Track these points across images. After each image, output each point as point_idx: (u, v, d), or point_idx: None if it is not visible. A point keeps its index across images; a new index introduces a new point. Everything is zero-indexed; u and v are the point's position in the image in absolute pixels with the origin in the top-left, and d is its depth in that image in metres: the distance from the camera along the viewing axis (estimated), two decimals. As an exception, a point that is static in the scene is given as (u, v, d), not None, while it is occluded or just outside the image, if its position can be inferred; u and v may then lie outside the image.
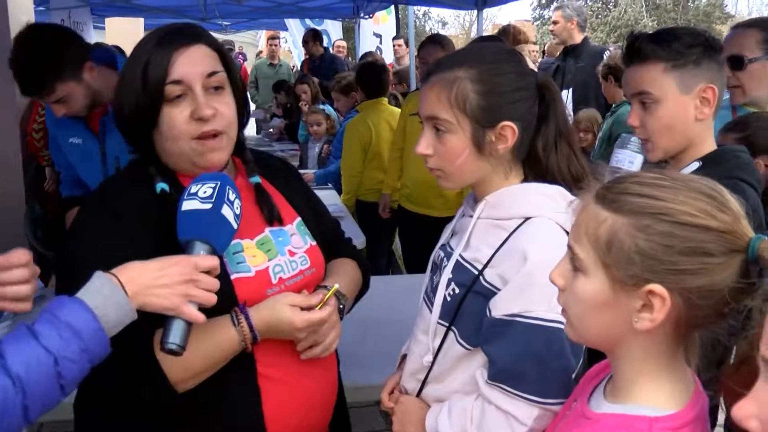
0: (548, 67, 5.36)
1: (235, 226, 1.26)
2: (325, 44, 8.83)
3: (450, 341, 1.36)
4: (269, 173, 1.55)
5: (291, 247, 1.47)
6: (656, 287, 0.89)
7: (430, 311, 1.40)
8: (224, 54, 1.38)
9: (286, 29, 12.21)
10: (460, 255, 1.36)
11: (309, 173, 5.14)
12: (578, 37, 4.96)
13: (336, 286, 1.40)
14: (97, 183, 1.57)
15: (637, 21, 29.31)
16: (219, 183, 1.25)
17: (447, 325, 1.36)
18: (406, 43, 8.63)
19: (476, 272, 1.31)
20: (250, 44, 17.86)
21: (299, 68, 9.68)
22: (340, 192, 4.72)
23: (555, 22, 5.01)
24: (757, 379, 0.70)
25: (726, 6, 32.16)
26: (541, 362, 1.21)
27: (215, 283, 1.17)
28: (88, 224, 1.35)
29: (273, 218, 1.45)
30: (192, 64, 1.31)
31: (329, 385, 1.52)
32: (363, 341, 2.28)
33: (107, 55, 2.65)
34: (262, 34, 16.88)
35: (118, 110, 1.36)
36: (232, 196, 1.26)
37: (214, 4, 7.74)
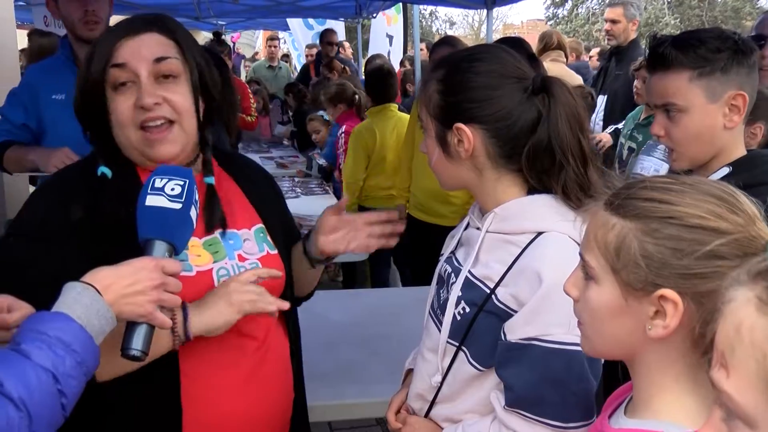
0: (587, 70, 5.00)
1: (195, 226, 1.29)
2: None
3: (460, 361, 1.35)
4: (240, 174, 1.58)
5: (242, 252, 1.48)
6: (668, 292, 0.90)
7: (438, 328, 1.39)
8: (181, 44, 1.40)
9: (286, 29, 12.23)
10: (470, 271, 1.34)
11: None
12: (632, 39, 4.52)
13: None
14: (79, 143, 1.58)
15: (658, 19, 29.29)
16: (187, 181, 1.26)
17: (457, 344, 1.35)
18: (387, 58, 8.62)
19: (488, 291, 1.30)
20: (247, 45, 17.90)
21: (305, 70, 9.59)
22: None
23: (614, 21, 4.47)
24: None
25: (758, 0, 31.37)
26: (561, 386, 1.21)
27: (179, 285, 1.20)
28: (40, 206, 1.41)
29: (213, 225, 1.45)
30: (138, 49, 1.35)
31: (269, 406, 1.49)
32: (364, 356, 2.28)
33: None
34: (260, 35, 16.95)
35: (75, 99, 1.42)
36: (197, 196, 1.29)
37: (209, 2, 7.76)
